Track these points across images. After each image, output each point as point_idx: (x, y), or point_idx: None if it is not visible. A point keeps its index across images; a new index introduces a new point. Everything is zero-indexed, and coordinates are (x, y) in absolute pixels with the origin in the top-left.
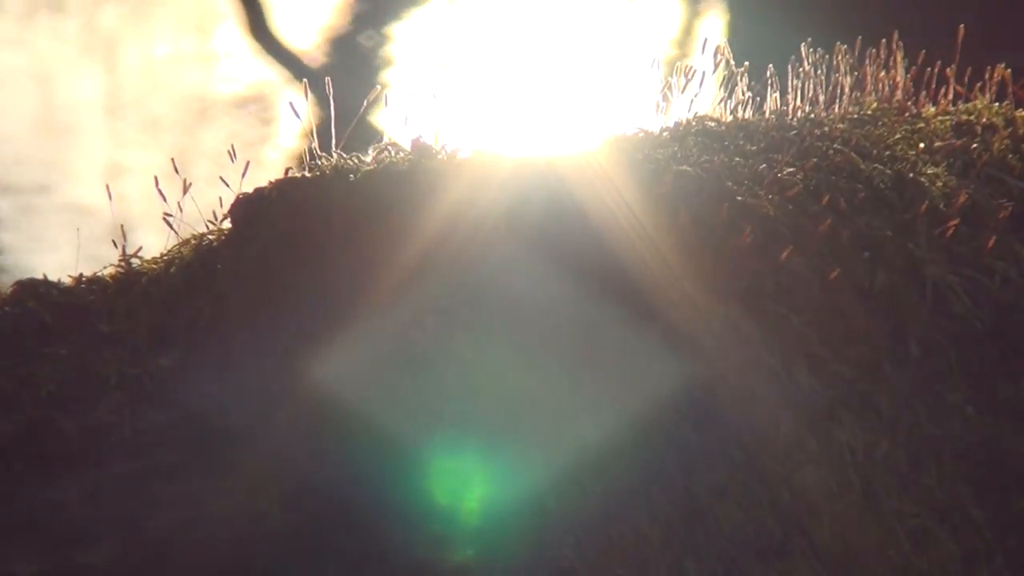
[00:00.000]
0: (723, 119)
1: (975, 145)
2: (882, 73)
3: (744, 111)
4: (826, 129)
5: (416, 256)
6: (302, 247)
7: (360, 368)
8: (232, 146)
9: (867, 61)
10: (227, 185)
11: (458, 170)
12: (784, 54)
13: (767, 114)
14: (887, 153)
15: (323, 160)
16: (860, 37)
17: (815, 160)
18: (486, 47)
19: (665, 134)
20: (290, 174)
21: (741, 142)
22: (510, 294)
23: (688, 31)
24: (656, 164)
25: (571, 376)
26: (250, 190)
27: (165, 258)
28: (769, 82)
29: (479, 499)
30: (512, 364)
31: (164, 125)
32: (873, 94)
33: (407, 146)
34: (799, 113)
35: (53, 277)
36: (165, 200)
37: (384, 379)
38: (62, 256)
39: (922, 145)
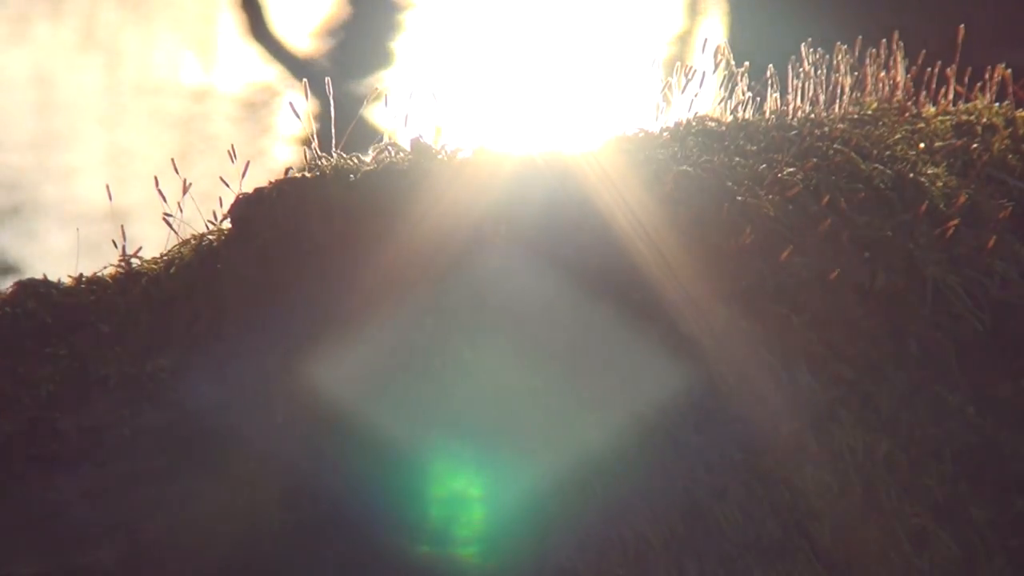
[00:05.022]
0: (723, 119)
1: (975, 145)
2: (882, 73)
3: (744, 111)
4: (826, 129)
5: (416, 256)
6: (302, 247)
7: (359, 368)
8: (232, 146)
9: (867, 61)
10: (227, 185)
11: (458, 170)
12: (784, 54)
13: (767, 114)
14: (887, 153)
15: (323, 160)
16: (860, 37)
17: (815, 160)
18: (487, 47)
19: (665, 134)
20: (290, 174)
21: (741, 142)
22: (510, 294)
23: (688, 31)
24: (656, 164)
25: (571, 377)
26: (250, 190)
27: (165, 258)
28: (769, 82)
29: (479, 500)
30: (512, 364)
31: (164, 125)
32: (873, 94)
33: (407, 146)
34: (799, 113)
35: (53, 277)
36: (165, 200)
37: (383, 379)
38: (62, 256)
39: (922, 145)
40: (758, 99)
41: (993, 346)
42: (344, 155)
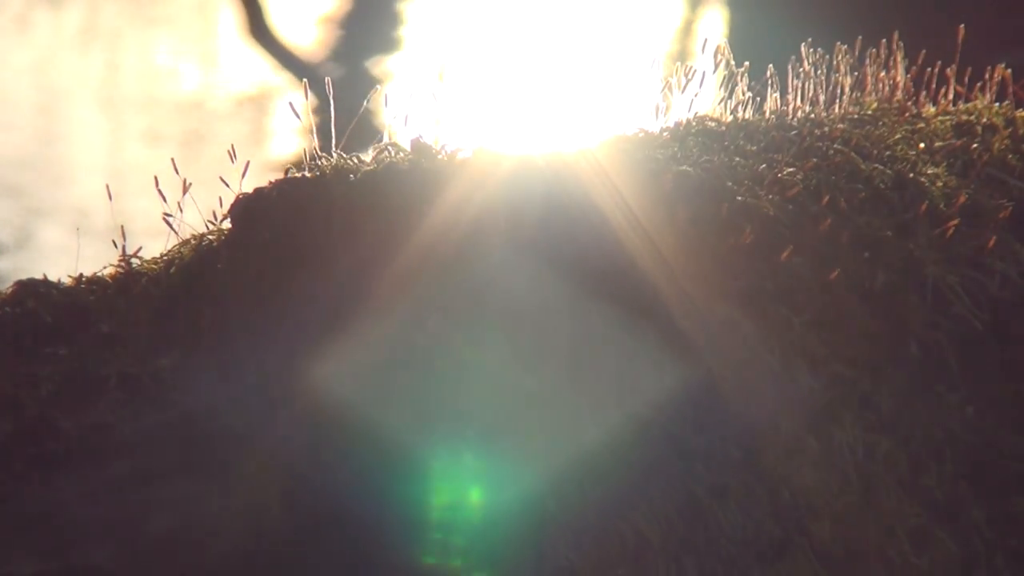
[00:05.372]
0: (723, 119)
1: (975, 145)
2: (882, 73)
3: (744, 111)
4: (826, 129)
5: (416, 256)
6: (302, 247)
7: (360, 368)
8: (232, 146)
9: (867, 61)
10: (227, 185)
11: (458, 170)
12: (784, 54)
13: (767, 114)
14: (887, 153)
15: (323, 160)
16: (860, 37)
17: (815, 160)
18: (487, 46)
19: (665, 134)
20: (290, 174)
21: (741, 142)
22: (510, 294)
23: (688, 31)
24: (656, 164)
25: (571, 376)
26: (250, 190)
27: (165, 258)
28: (769, 82)
29: (479, 500)
30: (512, 364)
31: (164, 125)
32: (873, 94)
33: (407, 146)
34: (799, 113)
35: (53, 277)
36: (165, 200)
37: (384, 380)
38: (62, 256)
39: (922, 145)
40: (758, 99)
41: (993, 346)
42: (344, 155)
